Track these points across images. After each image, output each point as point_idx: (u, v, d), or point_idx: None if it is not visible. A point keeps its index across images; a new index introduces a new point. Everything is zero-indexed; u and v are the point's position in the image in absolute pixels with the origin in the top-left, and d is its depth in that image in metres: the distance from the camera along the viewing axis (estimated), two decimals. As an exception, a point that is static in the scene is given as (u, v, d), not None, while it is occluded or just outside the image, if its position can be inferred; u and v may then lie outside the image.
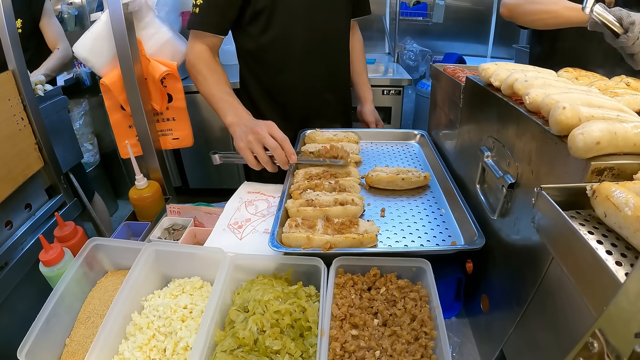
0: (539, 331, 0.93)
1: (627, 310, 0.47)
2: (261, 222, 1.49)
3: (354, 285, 1.17)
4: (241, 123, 1.66)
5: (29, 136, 1.82)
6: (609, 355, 0.47)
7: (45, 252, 1.31)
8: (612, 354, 0.47)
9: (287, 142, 1.55)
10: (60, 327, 1.19)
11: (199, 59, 1.89)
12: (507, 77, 1.15)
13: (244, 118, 1.71)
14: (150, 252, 1.28)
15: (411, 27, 4.52)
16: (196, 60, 1.89)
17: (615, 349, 0.47)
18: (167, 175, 2.04)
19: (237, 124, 1.68)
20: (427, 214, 1.47)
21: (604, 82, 1.23)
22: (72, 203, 2.15)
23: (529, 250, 0.99)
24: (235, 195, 1.65)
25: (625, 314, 0.47)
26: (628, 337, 0.45)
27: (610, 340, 0.47)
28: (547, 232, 0.77)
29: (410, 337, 1.02)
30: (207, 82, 1.85)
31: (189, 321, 1.16)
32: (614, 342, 0.47)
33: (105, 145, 4.20)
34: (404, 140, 2.08)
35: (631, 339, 0.44)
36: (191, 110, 1.91)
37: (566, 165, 0.87)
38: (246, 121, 1.66)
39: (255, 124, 1.60)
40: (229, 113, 1.75)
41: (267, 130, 1.55)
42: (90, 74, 3.76)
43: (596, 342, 0.49)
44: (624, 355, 0.45)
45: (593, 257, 0.62)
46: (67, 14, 3.83)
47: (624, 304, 0.47)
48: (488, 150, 1.25)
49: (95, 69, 1.88)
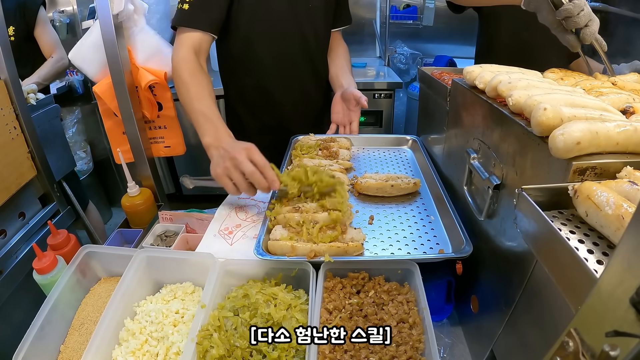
0: (528, 331, 0.94)
1: (600, 309, 0.48)
2: (251, 228, 1.49)
3: (342, 289, 1.18)
4: (219, 146, 1.51)
5: (22, 145, 1.83)
6: (584, 354, 0.48)
7: (38, 260, 1.32)
8: (587, 353, 0.47)
9: (267, 168, 1.40)
10: (54, 334, 1.20)
11: (183, 64, 1.74)
12: (491, 79, 1.16)
13: (223, 140, 1.54)
14: (142, 258, 1.29)
15: (401, 31, 4.52)
16: (180, 66, 1.74)
17: (590, 347, 0.47)
18: (159, 182, 2.05)
19: (215, 146, 1.53)
20: (416, 221, 1.47)
21: (589, 82, 1.23)
22: (66, 211, 2.16)
23: (515, 251, 1.00)
24: (226, 201, 1.65)
25: (598, 313, 0.48)
26: (601, 336, 0.45)
27: (585, 339, 0.48)
28: (528, 233, 0.78)
29: (399, 339, 1.03)
30: (189, 94, 1.69)
31: (180, 326, 1.17)
32: (588, 341, 0.48)
33: (99, 153, 4.19)
34: (396, 146, 2.08)
35: (603, 338, 0.45)
36: (185, 115, 1.89)
37: (549, 165, 0.88)
38: (225, 144, 1.50)
39: (233, 148, 1.45)
40: (207, 133, 1.58)
41: (247, 155, 1.41)
42: (83, 81, 3.76)
43: (572, 341, 0.49)
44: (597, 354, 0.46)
45: (572, 257, 0.63)
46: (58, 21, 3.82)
47: (597, 303, 0.48)
48: (474, 152, 1.26)
49: (90, 75, 1.90)
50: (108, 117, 1.97)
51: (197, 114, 1.63)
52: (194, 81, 1.71)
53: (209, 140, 1.56)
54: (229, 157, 1.43)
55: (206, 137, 1.57)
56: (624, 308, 0.43)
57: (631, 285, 0.42)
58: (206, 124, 1.60)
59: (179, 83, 1.73)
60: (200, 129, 1.61)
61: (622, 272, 0.45)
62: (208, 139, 1.57)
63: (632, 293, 0.42)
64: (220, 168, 1.45)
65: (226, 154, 1.45)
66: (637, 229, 0.43)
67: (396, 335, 1.04)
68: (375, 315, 1.10)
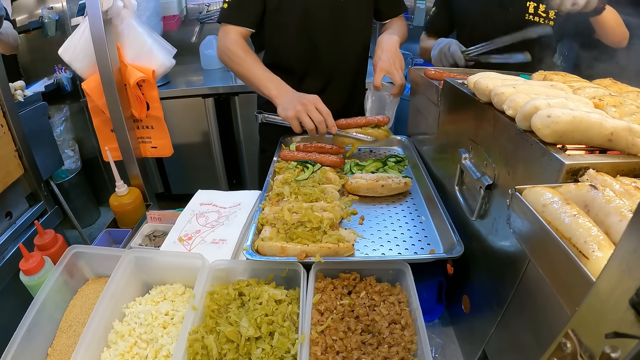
0: (520, 331, 0.93)
1: (599, 310, 0.47)
2: (210, 233, 1.48)
3: (334, 290, 1.17)
4: (287, 94, 1.83)
5: (9, 143, 1.81)
6: (582, 355, 0.48)
7: (25, 261, 1.30)
8: (585, 354, 0.47)
9: (330, 116, 1.74)
10: (42, 337, 1.18)
11: (235, 45, 1.99)
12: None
13: (288, 90, 1.87)
14: (130, 259, 1.27)
15: (393, 31, 4.51)
16: (231, 45, 1.99)
17: (588, 349, 0.47)
18: (148, 181, 2.03)
19: (282, 95, 1.84)
20: (407, 221, 1.47)
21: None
22: (53, 210, 2.13)
23: (507, 251, 1.00)
24: (188, 208, 1.65)
25: (596, 314, 0.47)
26: (600, 337, 0.45)
27: (583, 340, 0.48)
28: (522, 233, 0.78)
29: (391, 340, 1.03)
30: (245, 62, 1.96)
31: (170, 328, 1.15)
32: (586, 342, 0.47)
33: (87, 152, 4.15)
34: (387, 146, 2.09)
35: (602, 340, 0.44)
36: (175, 114, 1.83)
37: (541, 166, 0.87)
38: (292, 93, 1.84)
39: (303, 97, 1.78)
40: (272, 87, 1.87)
41: (314, 104, 1.73)
42: (72, 79, 3.72)
43: (569, 342, 0.49)
44: (596, 355, 0.45)
45: (567, 258, 0.62)
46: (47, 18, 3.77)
47: (595, 304, 0.48)
48: (466, 152, 1.26)
49: (79, 72, 1.87)
50: (97, 114, 1.94)
51: (258, 77, 1.94)
52: (249, 55, 1.98)
53: (274, 92, 1.87)
54: (300, 102, 1.74)
55: (272, 90, 1.87)
56: (623, 309, 0.43)
57: (630, 287, 0.42)
58: (269, 82, 1.90)
59: (233, 57, 2.00)
60: (265, 86, 1.90)
61: (621, 274, 0.44)
62: (274, 91, 1.87)
63: (631, 294, 0.42)
64: (292, 111, 1.74)
65: (296, 100, 1.76)
66: (636, 231, 0.43)
67: (388, 337, 1.03)
68: (366, 316, 1.10)
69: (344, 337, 1.04)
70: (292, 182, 1.55)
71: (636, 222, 0.44)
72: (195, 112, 3.76)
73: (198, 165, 4.15)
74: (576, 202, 0.72)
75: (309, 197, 1.43)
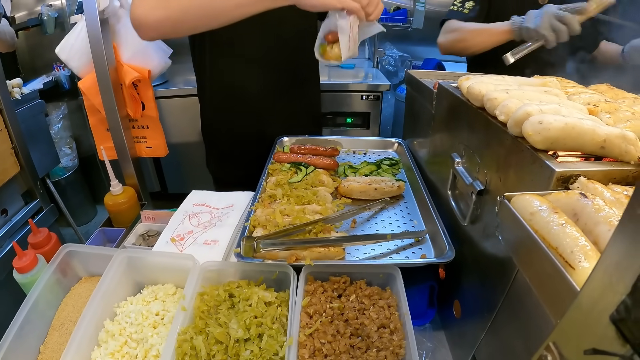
0: (510, 337, 0.93)
1: (580, 323, 0.47)
2: (202, 234, 1.47)
3: (324, 293, 1.17)
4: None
5: (5, 141, 1.81)
6: (562, 368, 0.47)
7: (18, 258, 1.30)
8: (565, 368, 0.47)
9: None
10: (34, 334, 1.18)
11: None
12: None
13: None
14: (122, 258, 1.27)
15: (391, 33, 4.48)
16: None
17: (568, 362, 0.47)
18: (143, 181, 2.03)
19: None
20: (399, 225, 1.46)
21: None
22: (49, 209, 2.13)
23: (498, 257, 1.00)
24: (181, 208, 1.64)
25: (578, 328, 0.47)
26: (580, 353, 0.45)
27: (564, 354, 0.47)
28: (510, 241, 0.78)
29: (379, 344, 1.03)
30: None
31: (160, 327, 1.15)
32: (567, 356, 0.47)
33: (84, 150, 4.15)
34: (382, 149, 2.08)
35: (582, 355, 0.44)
36: (173, 113, 1.81)
37: (532, 173, 0.88)
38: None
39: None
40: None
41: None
42: (70, 77, 3.72)
43: (550, 355, 0.49)
44: (576, 371, 0.45)
45: (553, 268, 0.62)
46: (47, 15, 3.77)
47: (577, 317, 0.48)
48: (459, 156, 1.26)
49: (75, 71, 1.88)
50: (93, 113, 1.95)
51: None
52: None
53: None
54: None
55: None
56: (604, 324, 0.42)
57: (612, 302, 0.41)
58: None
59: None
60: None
61: (604, 288, 0.44)
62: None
63: (612, 310, 0.41)
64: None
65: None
66: (620, 243, 0.42)
67: (377, 341, 1.04)
68: (356, 320, 1.10)
69: (333, 341, 1.04)
70: (285, 185, 1.54)
71: (620, 233, 0.43)
72: (194, 111, 3.75)
73: (195, 165, 4.12)
74: (565, 211, 0.72)
75: (301, 200, 1.43)
